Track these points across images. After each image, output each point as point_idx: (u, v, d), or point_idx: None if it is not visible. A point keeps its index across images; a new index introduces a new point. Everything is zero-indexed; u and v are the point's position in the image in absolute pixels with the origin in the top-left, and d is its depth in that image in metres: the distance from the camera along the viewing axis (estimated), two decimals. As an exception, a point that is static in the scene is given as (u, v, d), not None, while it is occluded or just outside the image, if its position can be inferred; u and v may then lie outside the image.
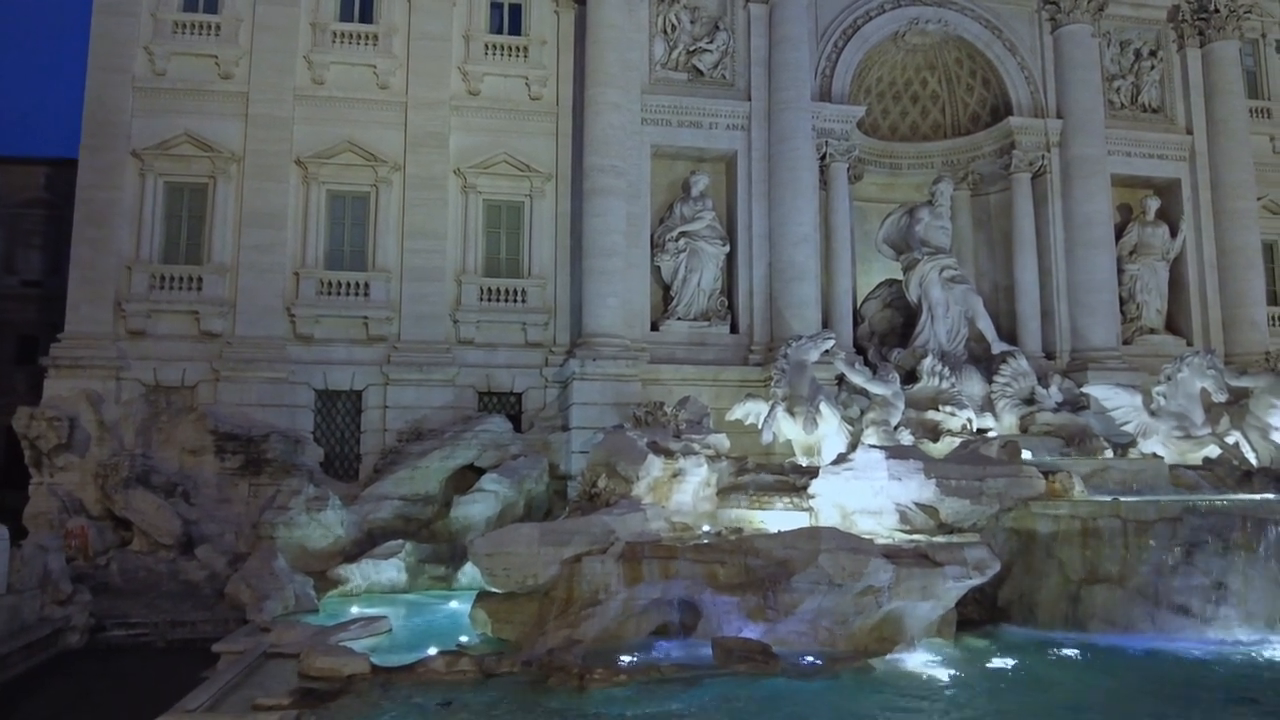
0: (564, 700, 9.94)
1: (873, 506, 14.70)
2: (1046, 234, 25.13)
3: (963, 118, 26.75)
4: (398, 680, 10.59)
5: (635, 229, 22.45)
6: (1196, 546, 13.24)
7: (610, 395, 20.61)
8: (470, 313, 22.53)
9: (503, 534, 13.63)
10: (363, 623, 13.56)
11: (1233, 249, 25.74)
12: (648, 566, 12.82)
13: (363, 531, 19.13)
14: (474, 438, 20.66)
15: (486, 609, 13.27)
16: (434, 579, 18.00)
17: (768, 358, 21.40)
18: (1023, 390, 21.62)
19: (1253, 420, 19.47)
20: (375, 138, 22.66)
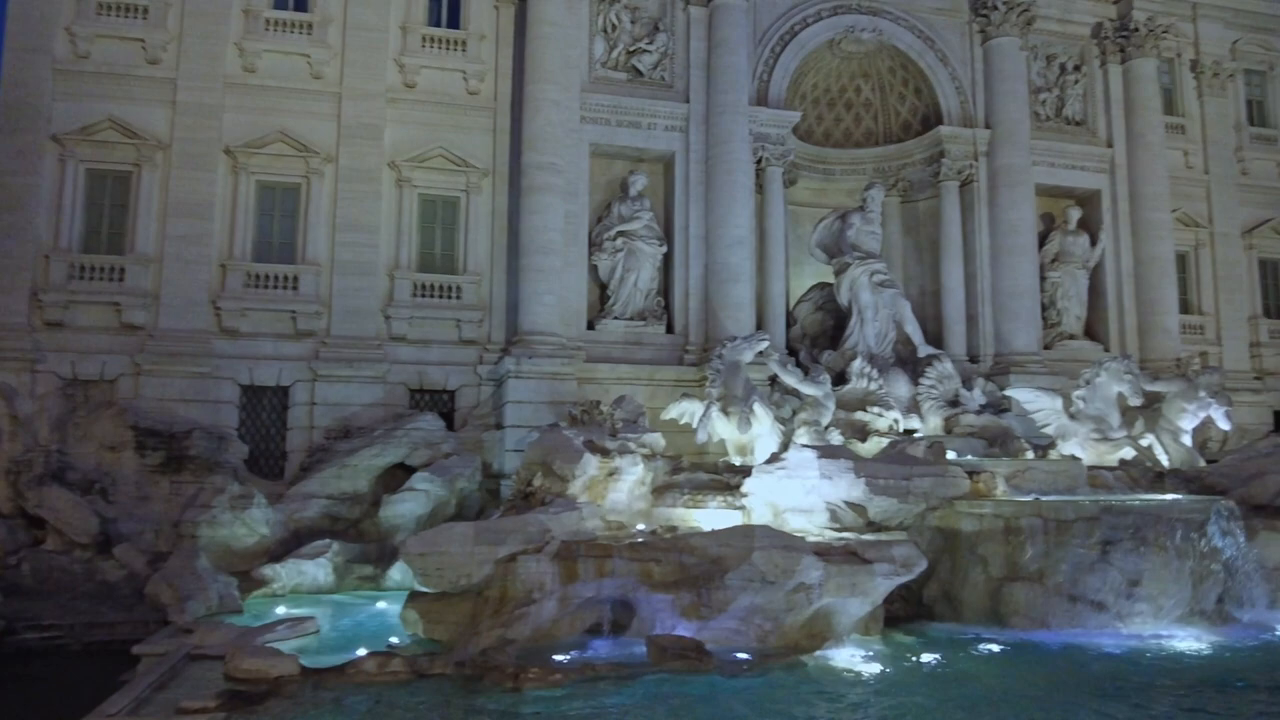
0: (498, 700, 9.91)
1: (804, 505, 14.95)
2: (973, 241, 25.78)
3: (894, 126, 27.29)
4: (327, 682, 10.44)
5: (573, 227, 22.41)
6: (1112, 545, 13.76)
7: (546, 394, 20.54)
8: (403, 308, 22.22)
9: (436, 533, 13.51)
10: (290, 623, 13.31)
11: (1148, 259, 26.74)
12: (583, 565, 12.84)
13: (289, 531, 18.73)
14: (405, 436, 20.35)
15: (418, 609, 13.14)
16: (362, 579, 17.73)
17: (703, 358, 21.56)
18: (947, 392, 22.17)
19: (1165, 424, 20.31)
20: (308, 128, 22.20)
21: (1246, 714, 9.35)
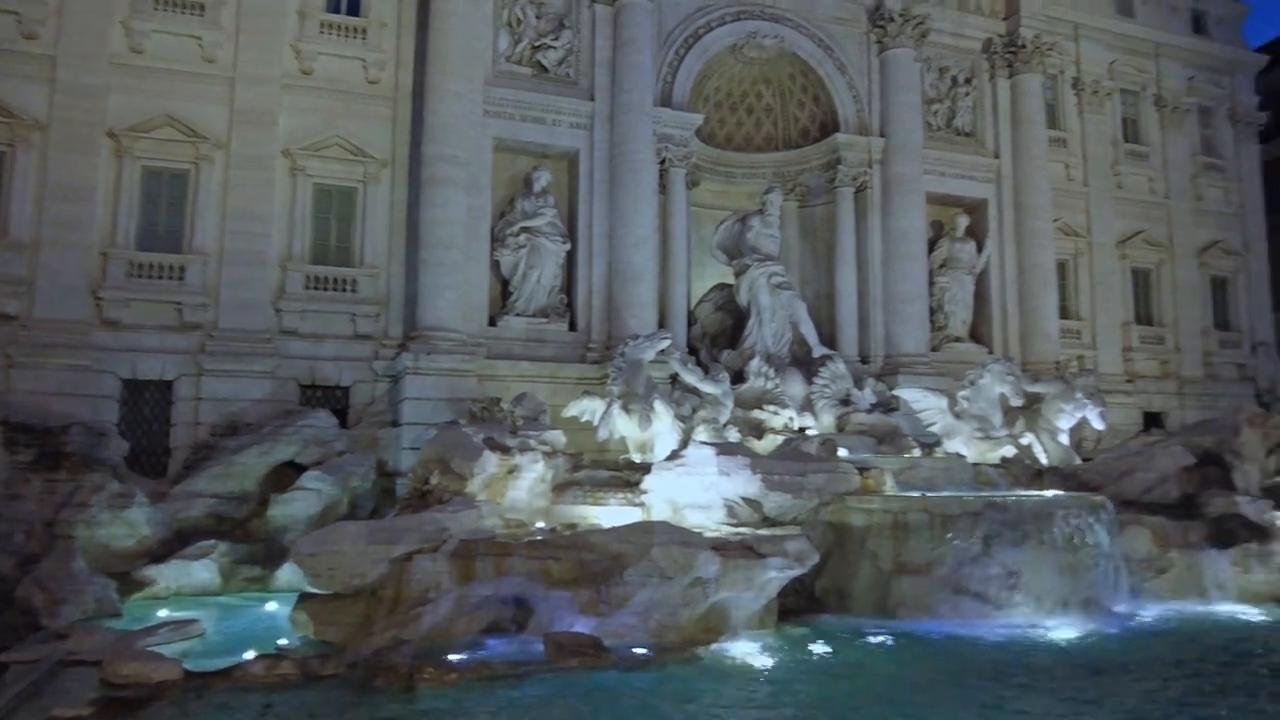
0: (392, 701, 9.75)
1: (702, 501, 15.15)
2: (866, 246, 26.52)
3: (794, 132, 27.86)
4: (213, 685, 10.09)
5: (475, 221, 22.14)
6: (994, 538, 14.36)
7: (445, 391, 20.26)
8: (295, 301, 21.57)
9: (328, 532, 13.21)
10: (172, 626, 12.80)
11: (1031, 266, 27.98)
12: (481, 564, 12.74)
13: (171, 531, 17.97)
14: (295, 433, 19.69)
15: (309, 610, 12.79)
16: (250, 580, 17.18)
17: (605, 356, 21.61)
18: (840, 392, 22.77)
19: (1044, 424, 21.31)
20: (198, 112, 21.34)
21: (1117, 694, 9.89)
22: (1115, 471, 19.17)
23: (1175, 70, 33.09)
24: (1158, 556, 16.64)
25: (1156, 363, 31.31)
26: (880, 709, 9.33)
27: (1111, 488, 18.23)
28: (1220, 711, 9.31)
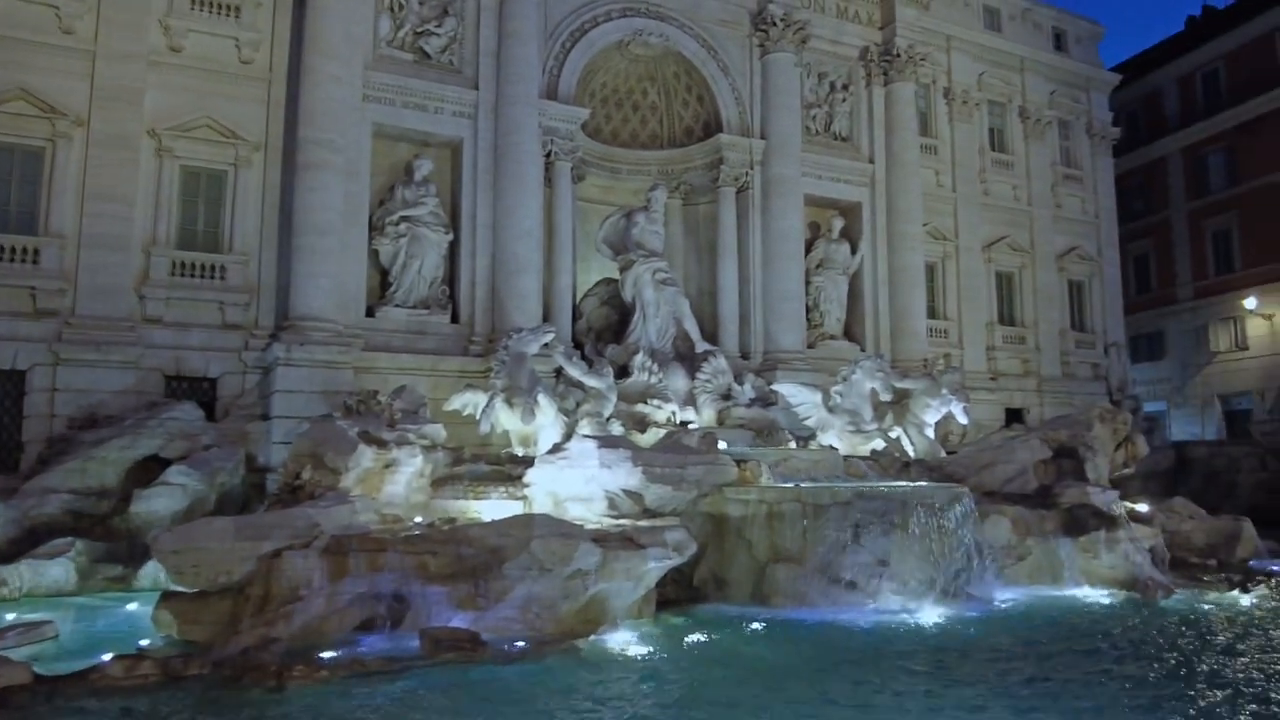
0: (260, 700, 9.45)
1: (584, 493, 15.20)
2: (747, 245, 27.07)
3: (678, 130, 28.19)
4: (66, 689, 9.55)
5: (353, 209, 21.58)
6: (863, 527, 14.83)
7: (319, 383, 19.70)
8: (159, 288, 20.60)
9: (192, 528, 12.69)
10: (22, 629, 12.05)
11: (901, 268, 29.08)
12: (354, 560, 12.42)
13: (23, 529, 16.95)
14: (160, 426, 18.81)
15: (172, 610, 12.25)
16: (110, 580, 16.35)
17: (489, 349, 21.41)
18: (721, 387, 23.19)
19: (912, 418, 22.19)
20: (55, 87, 20.12)
21: (978, 672, 10.42)
22: (977, 464, 20.09)
23: (1039, 84, 34.91)
24: (1017, 544, 17.47)
25: (1018, 361, 32.99)
26: (755, 693, 9.56)
27: (974, 479, 19.08)
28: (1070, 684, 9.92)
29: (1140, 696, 9.42)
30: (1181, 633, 12.96)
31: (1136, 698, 9.38)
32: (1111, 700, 9.28)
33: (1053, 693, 9.57)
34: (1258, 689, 9.63)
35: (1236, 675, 10.27)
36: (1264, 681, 9.95)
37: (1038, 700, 9.27)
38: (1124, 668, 10.75)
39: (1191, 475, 31.03)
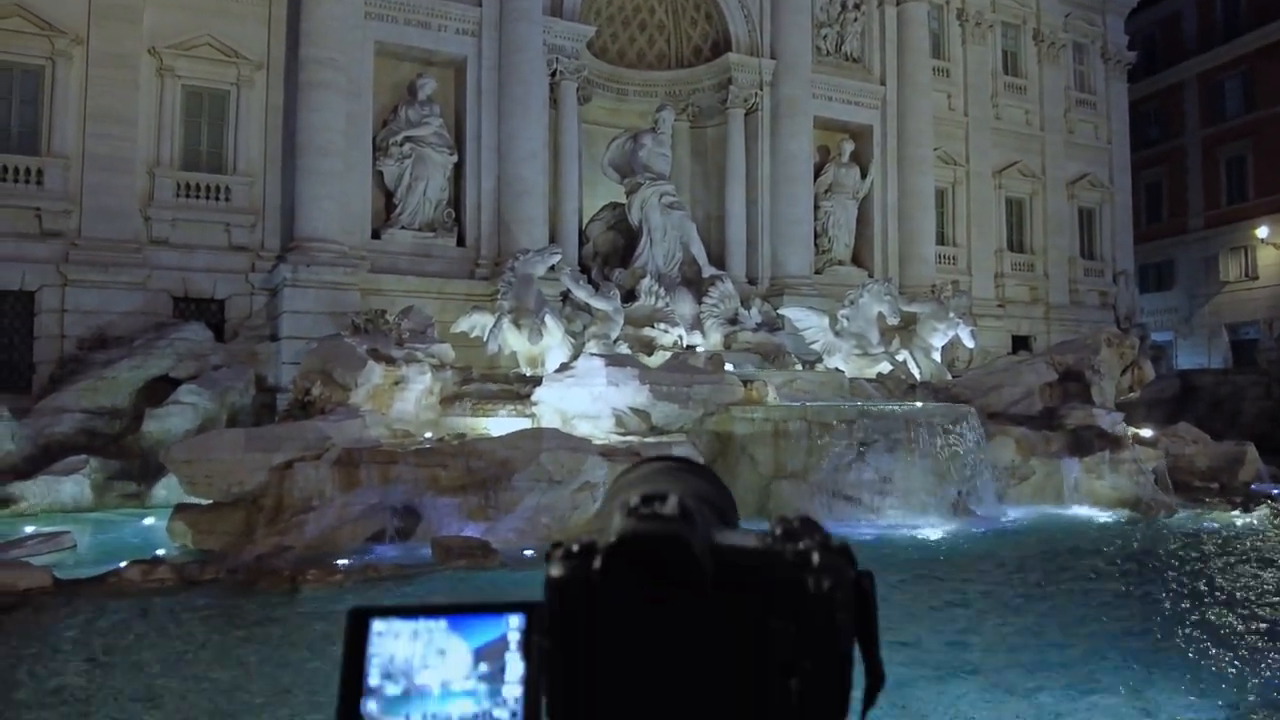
0: (274, 602, 9.66)
1: (591, 411, 15.30)
2: (755, 168, 26.77)
3: (686, 50, 27.68)
4: (85, 592, 9.77)
5: (356, 129, 21.35)
6: (868, 445, 14.98)
7: (326, 304, 19.70)
8: (165, 210, 20.51)
9: (205, 439, 12.87)
10: (41, 539, 12.31)
11: (911, 192, 28.77)
12: (366, 472, 12.61)
13: (38, 447, 17.17)
14: (169, 346, 18.93)
15: (186, 520, 12.49)
16: (125, 496, 16.58)
17: (495, 272, 21.34)
18: (728, 311, 23.16)
19: (918, 341, 22.19)
20: (52, 3, 19.73)
21: (982, 578, 10.62)
22: (984, 386, 20.14)
23: (1053, 6, 34.09)
24: (1020, 465, 17.62)
25: (1026, 289, 32.83)
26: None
27: (980, 401, 19.13)
28: (1069, 592, 10.10)
29: (1136, 604, 9.59)
30: (1181, 547, 13.13)
31: (1132, 604, 9.54)
32: (1105, 605, 9.45)
33: (1048, 596, 9.76)
34: (1252, 597, 9.79)
35: (1232, 585, 10.43)
36: (1258, 591, 10.11)
37: (1033, 604, 9.45)
38: (1122, 578, 10.93)
39: (1197, 403, 31.04)
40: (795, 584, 0.81)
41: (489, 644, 0.79)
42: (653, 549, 0.79)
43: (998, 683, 6.75)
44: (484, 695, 0.77)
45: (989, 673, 7.01)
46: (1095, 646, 7.82)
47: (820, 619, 0.81)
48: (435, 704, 0.77)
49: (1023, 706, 6.29)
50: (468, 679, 0.78)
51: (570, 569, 0.80)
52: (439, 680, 0.78)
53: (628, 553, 0.80)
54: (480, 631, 0.80)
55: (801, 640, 0.80)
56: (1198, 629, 8.42)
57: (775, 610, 0.81)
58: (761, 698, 0.80)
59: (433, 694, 0.77)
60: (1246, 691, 6.60)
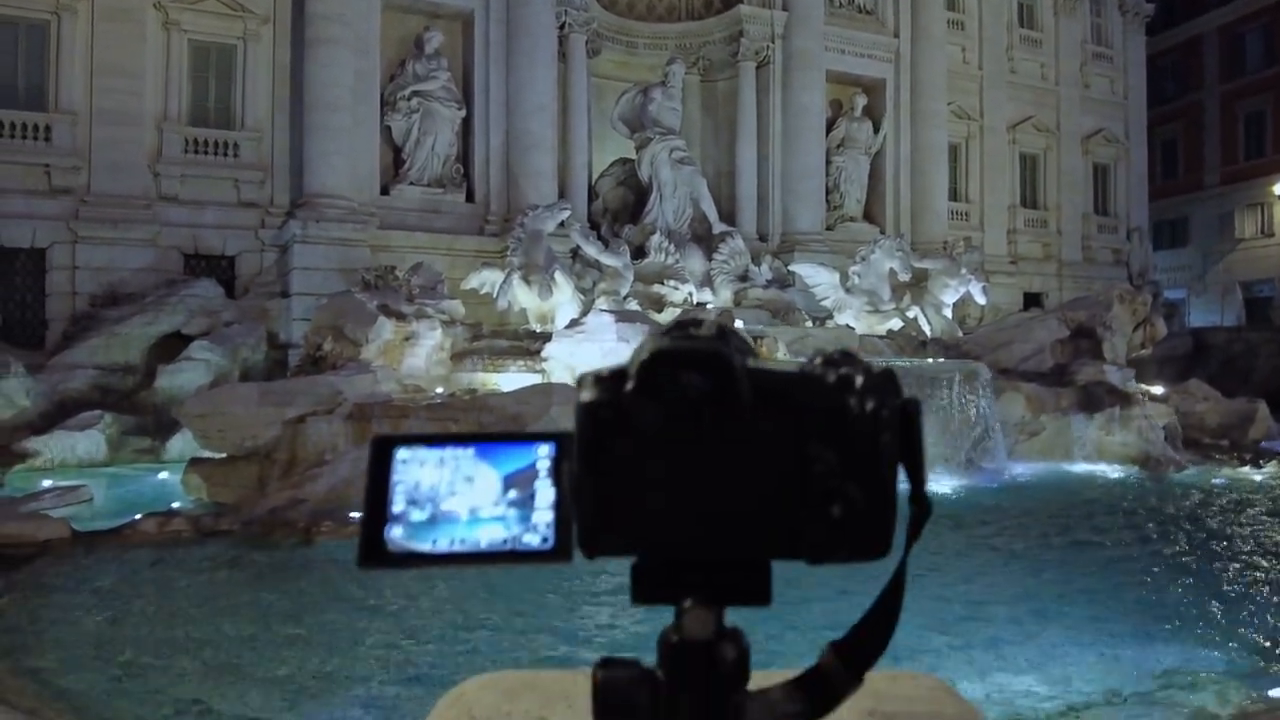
0: (289, 553, 9.78)
1: (601, 366, 15.31)
2: (767, 123, 26.48)
3: (697, 2, 27.28)
4: (102, 543, 9.92)
5: (364, 84, 21.17)
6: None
7: (336, 260, 19.69)
8: (174, 165, 20.44)
9: (218, 393, 12.96)
10: (59, 492, 12.45)
11: (924, 147, 28.46)
12: (378, 426, 12.64)
13: (53, 403, 17.30)
14: (180, 303, 18.99)
15: (200, 473, 12.62)
16: (139, 452, 16.73)
17: (504, 228, 21.26)
18: (738, 268, 23.07)
19: (930, 298, 22.08)
20: (53, -45, 19.63)
21: (974, 529, 10.70)
22: (994, 343, 20.09)
23: (1071, -44, 33.46)
24: (1030, 421, 17.62)
25: (1039, 245, 32.58)
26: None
27: (990, 357, 19.10)
28: (1072, 540, 10.18)
29: (1141, 555, 9.64)
30: (1188, 502, 13.16)
31: (1137, 556, 9.59)
32: (1110, 558, 9.50)
33: (1053, 548, 9.83)
34: (1258, 551, 9.82)
35: (1239, 539, 10.46)
36: (1265, 545, 10.14)
37: (1038, 555, 9.53)
38: (1129, 531, 10.96)
39: (1209, 361, 30.88)
40: (838, 406, 0.76)
41: (518, 471, 0.77)
42: (690, 361, 0.75)
43: (998, 630, 6.81)
44: (514, 521, 0.75)
45: (991, 619, 7.08)
46: (1097, 596, 7.88)
47: (864, 442, 0.76)
48: (463, 529, 0.75)
49: (1027, 649, 6.36)
50: (496, 505, 0.76)
51: (601, 392, 0.77)
52: (467, 507, 0.76)
53: (663, 367, 0.75)
54: (509, 459, 0.77)
55: (844, 466, 0.76)
56: (1202, 580, 8.46)
57: (816, 434, 0.76)
58: (800, 526, 0.77)
59: (460, 520, 0.75)
60: (1247, 641, 6.64)
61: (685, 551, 0.78)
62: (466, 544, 0.75)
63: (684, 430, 0.75)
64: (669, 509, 0.76)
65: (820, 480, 0.76)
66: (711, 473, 0.76)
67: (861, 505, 0.76)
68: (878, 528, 0.77)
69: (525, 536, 0.75)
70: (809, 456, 0.76)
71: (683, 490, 0.76)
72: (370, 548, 0.77)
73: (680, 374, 0.75)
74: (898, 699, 1.01)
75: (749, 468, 0.76)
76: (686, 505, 0.76)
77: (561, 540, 0.76)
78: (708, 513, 0.77)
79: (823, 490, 0.76)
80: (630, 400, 0.75)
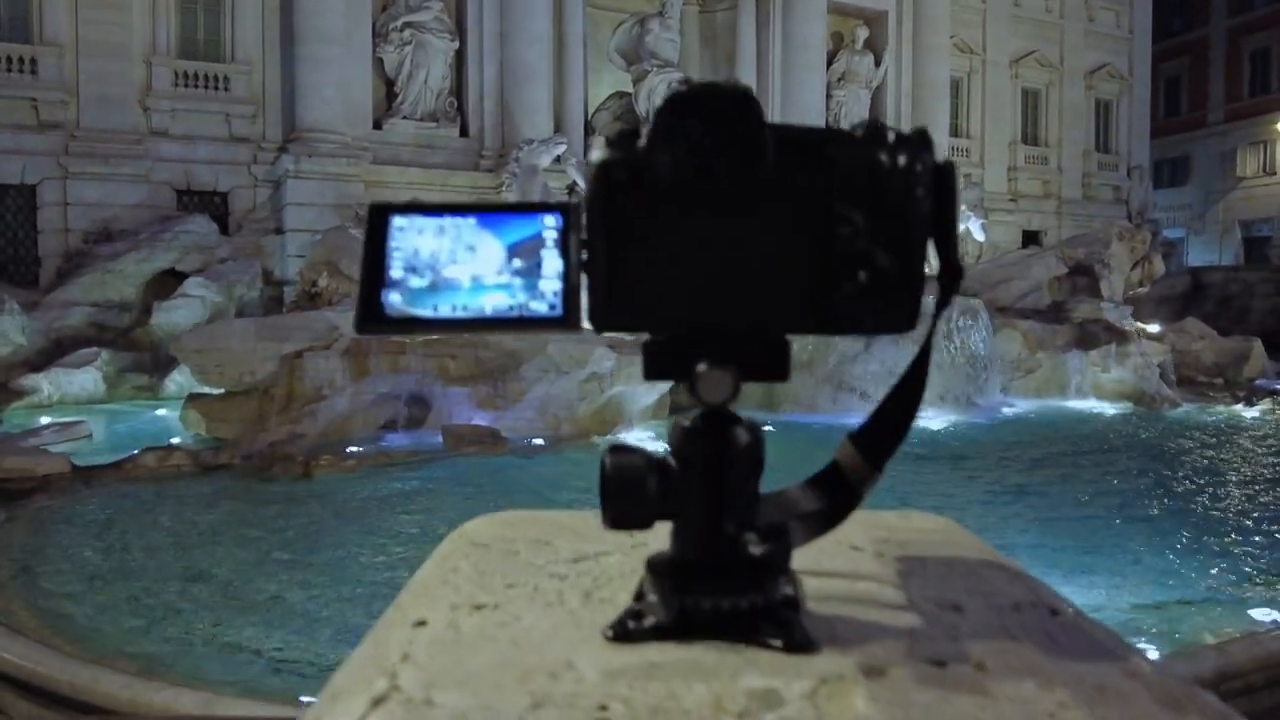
0: (289, 486, 9.86)
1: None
2: (766, 55, 26.05)
3: (695, -70, 26.66)
4: (103, 477, 9.97)
5: (355, 14, 20.72)
6: (874, 338, 14.98)
7: (330, 196, 19.50)
8: (163, 99, 20.11)
9: (214, 328, 12.96)
10: (58, 428, 12.53)
11: (926, 82, 28.07)
12: (375, 361, 12.68)
13: (49, 340, 17.27)
14: (174, 239, 18.86)
15: (199, 409, 12.64)
16: (137, 389, 16.77)
17: (499, 164, 21.04)
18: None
19: (928, 235, 21.96)
20: (34, -120, 19.07)
21: (969, 460, 10.83)
22: (992, 280, 20.02)
23: (1079, -117, 32.64)
24: (1026, 358, 17.67)
25: (1039, 183, 32.32)
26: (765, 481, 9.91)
27: (988, 294, 19.06)
28: (1065, 472, 10.31)
29: (1133, 485, 9.76)
30: (1180, 438, 13.29)
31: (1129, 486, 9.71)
32: (1102, 488, 9.62)
33: (1049, 480, 9.96)
34: (1247, 483, 9.94)
35: (1228, 472, 10.58)
36: (1254, 478, 10.25)
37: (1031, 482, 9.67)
38: (1121, 463, 11.07)
39: (1206, 300, 30.88)
40: (868, 161, 0.70)
41: (523, 240, 0.73)
42: (707, 106, 0.68)
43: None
44: (519, 289, 0.71)
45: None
46: (1090, 522, 8.00)
47: (894, 199, 0.70)
48: (465, 296, 0.71)
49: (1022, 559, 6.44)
50: (500, 274, 0.72)
51: (614, 150, 0.71)
52: (469, 274, 0.72)
53: (678, 113, 0.69)
54: (513, 229, 0.73)
55: (872, 228, 0.70)
56: (1188, 510, 8.58)
57: (843, 192, 0.70)
58: (824, 293, 0.71)
59: (463, 287, 0.71)
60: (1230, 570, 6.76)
61: (701, 321, 0.73)
62: (470, 310, 0.71)
63: (700, 185, 0.69)
64: (685, 276, 0.72)
65: (846, 242, 0.71)
66: (730, 234, 0.71)
67: (890, 271, 0.71)
68: (906, 296, 0.73)
69: (532, 304, 0.71)
70: (835, 216, 0.71)
71: (699, 255, 0.71)
72: (368, 311, 0.72)
73: (696, 120, 0.68)
74: (910, 531, 1.02)
75: (770, 228, 0.71)
76: (703, 271, 0.72)
77: (570, 309, 0.71)
78: (725, 279, 0.72)
79: (849, 253, 0.71)
80: (644, 156, 0.69)
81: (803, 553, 0.81)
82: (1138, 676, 0.69)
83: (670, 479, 0.76)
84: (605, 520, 0.76)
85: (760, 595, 0.76)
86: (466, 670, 0.71)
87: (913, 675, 0.68)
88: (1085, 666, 0.70)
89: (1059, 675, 0.68)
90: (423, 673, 0.70)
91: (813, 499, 0.85)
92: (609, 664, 0.71)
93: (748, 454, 0.78)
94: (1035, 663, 0.70)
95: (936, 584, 0.89)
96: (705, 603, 0.76)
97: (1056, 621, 0.81)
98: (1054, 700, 0.64)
